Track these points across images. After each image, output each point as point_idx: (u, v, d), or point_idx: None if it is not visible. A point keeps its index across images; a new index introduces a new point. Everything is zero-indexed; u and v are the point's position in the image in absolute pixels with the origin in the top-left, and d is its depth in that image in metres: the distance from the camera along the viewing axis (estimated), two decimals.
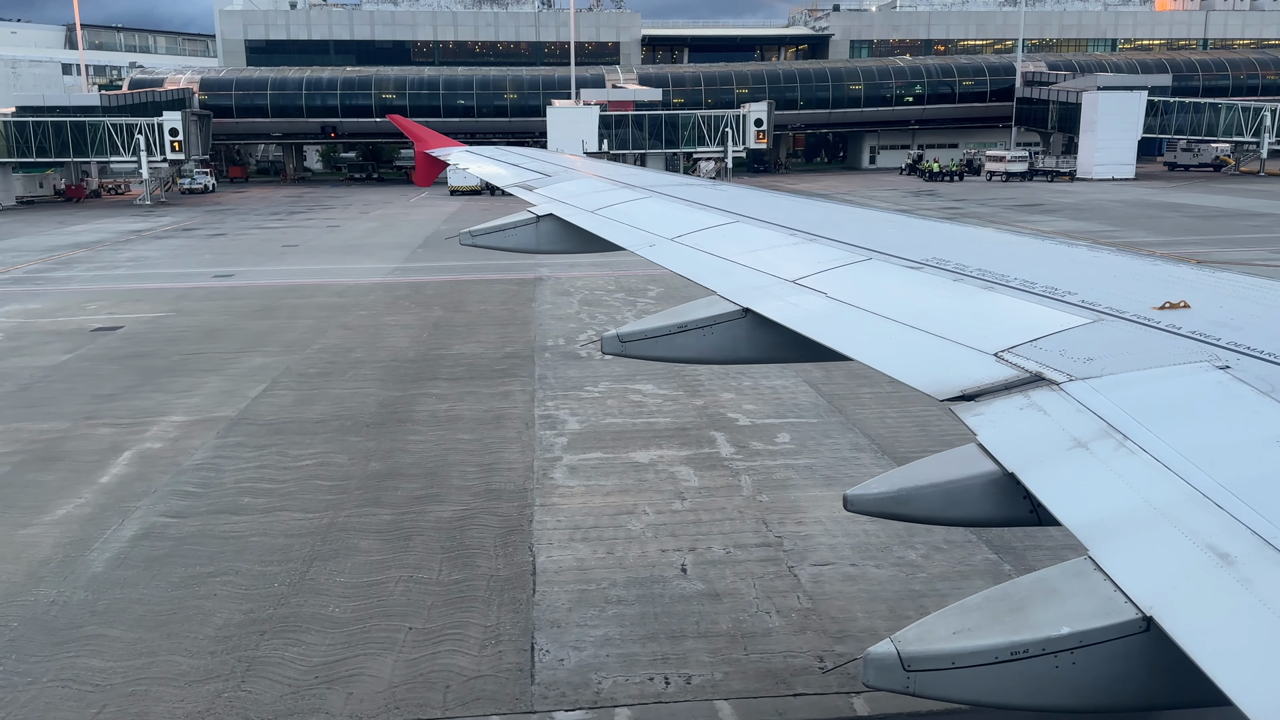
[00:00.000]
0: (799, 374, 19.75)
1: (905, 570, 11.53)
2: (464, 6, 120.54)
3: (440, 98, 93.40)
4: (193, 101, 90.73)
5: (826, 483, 14.35)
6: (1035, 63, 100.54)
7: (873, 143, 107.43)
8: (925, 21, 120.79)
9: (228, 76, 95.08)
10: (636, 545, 12.26)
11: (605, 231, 8.45)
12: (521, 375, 20.68)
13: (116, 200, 75.47)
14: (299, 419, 17.67)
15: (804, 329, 5.10)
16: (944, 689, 2.71)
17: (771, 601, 10.80)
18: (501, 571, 11.57)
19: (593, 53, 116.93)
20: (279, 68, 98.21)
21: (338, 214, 61.86)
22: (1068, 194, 67.15)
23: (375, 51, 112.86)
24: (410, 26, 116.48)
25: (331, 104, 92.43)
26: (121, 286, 33.60)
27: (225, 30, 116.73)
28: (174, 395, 19.35)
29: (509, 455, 15.60)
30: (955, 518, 3.56)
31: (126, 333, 25.62)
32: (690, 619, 10.44)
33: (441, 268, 36.68)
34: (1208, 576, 2.53)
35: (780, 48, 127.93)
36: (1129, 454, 3.18)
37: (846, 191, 74.38)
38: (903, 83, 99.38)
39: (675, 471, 14.85)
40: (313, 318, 27.38)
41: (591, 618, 10.48)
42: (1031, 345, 4.21)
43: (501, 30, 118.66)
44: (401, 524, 12.95)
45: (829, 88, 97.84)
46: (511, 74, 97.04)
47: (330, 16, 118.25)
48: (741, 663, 9.61)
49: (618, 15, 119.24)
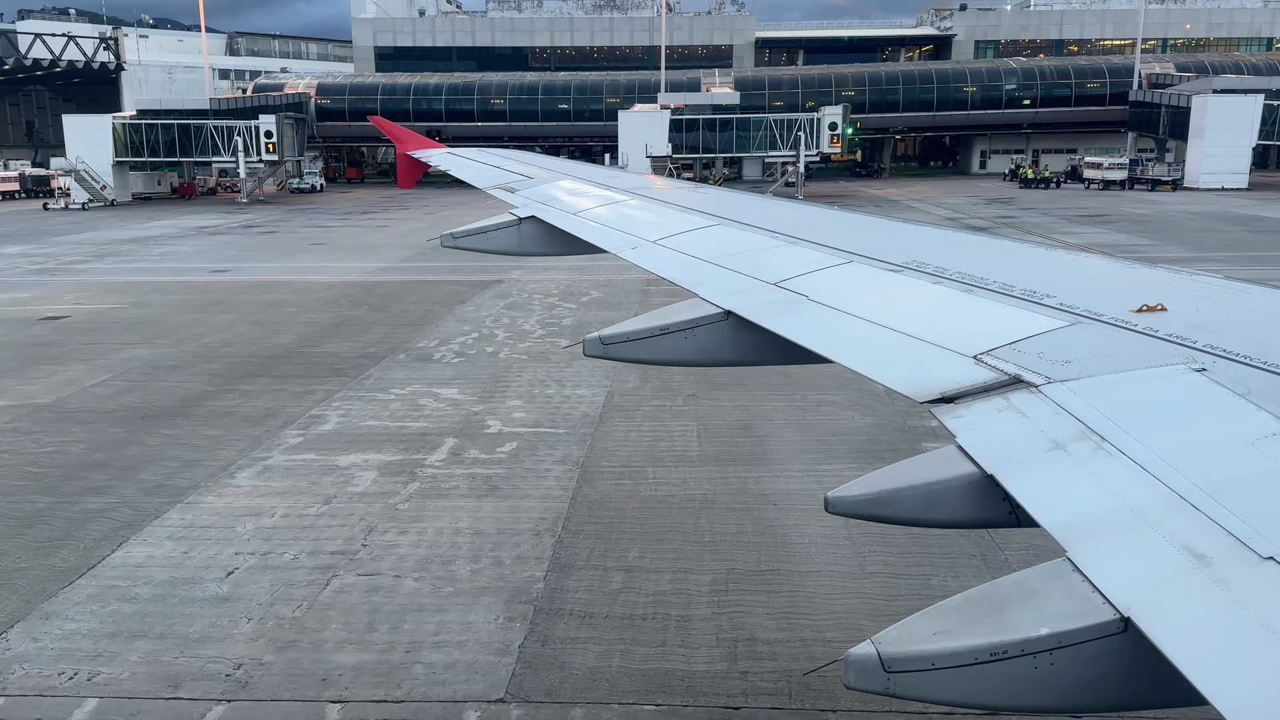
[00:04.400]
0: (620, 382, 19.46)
1: (435, 583, 11.29)
2: (584, 12, 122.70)
3: (539, 102, 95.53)
4: (309, 106, 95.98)
5: (486, 494, 14.11)
6: (1163, 64, 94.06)
7: (983, 147, 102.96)
8: (1057, 21, 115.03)
9: (342, 82, 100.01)
10: (221, 546, 12.43)
11: (586, 234, 8.47)
12: (348, 375, 21.12)
13: (224, 198, 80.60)
14: (91, 409, 18.64)
15: (785, 331, 5.14)
16: (924, 690, 2.72)
17: (271, 609, 10.79)
18: (66, 563, 11.97)
19: (706, 56, 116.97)
20: (391, 73, 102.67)
21: (402, 215, 64.10)
22: (1154, 204, 62.65)
23: (495, 57, 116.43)
24: (529, 33, 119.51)
25: (437, 108, 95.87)
26: (118, 279, 36.04)
27: (358, 37, 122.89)
28: (22, 381, 20.74)
29: (226, 454, 16.02)
30: (935, 519, 3.58)
31: (64, 323, 27.53)
32: (188, 620, 10.54)
33: (426, 268, 37.63)
34: (1184, 577, 2.55)
35: (900, 49, 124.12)
36: (1106, 456, 3.21)
37: (926, 196, 71.67)
38: (1014, 84, 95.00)
39: (356, 476, 14.92)
40: (239, 313, 28.68)
41: (85, 612, 10.74)
42: (1010, 348, 4.23)
43: (617, 35, 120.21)
44: (43, 515, 13.58)
45: (933, 90, 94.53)
46: (609, 79, 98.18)
47: (454, 24, 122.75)
48: (169, 665, 9.67)
49: (731, 18, 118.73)
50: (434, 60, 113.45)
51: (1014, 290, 5.03)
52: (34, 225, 57.65)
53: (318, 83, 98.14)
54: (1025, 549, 12.06)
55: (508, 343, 24.21)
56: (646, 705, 8.97)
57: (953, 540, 12.26)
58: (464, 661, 9.70)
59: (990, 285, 5.19)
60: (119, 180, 75.27)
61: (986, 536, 12.33)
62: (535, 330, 25.75)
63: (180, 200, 77.66)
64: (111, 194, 73.52)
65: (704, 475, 14.77)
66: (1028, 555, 11.84)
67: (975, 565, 11.71)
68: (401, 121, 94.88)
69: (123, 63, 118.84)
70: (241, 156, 74.04)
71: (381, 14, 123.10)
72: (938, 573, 11.52)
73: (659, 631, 10.25)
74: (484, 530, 12.84)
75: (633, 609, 10.73)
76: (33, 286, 34.28)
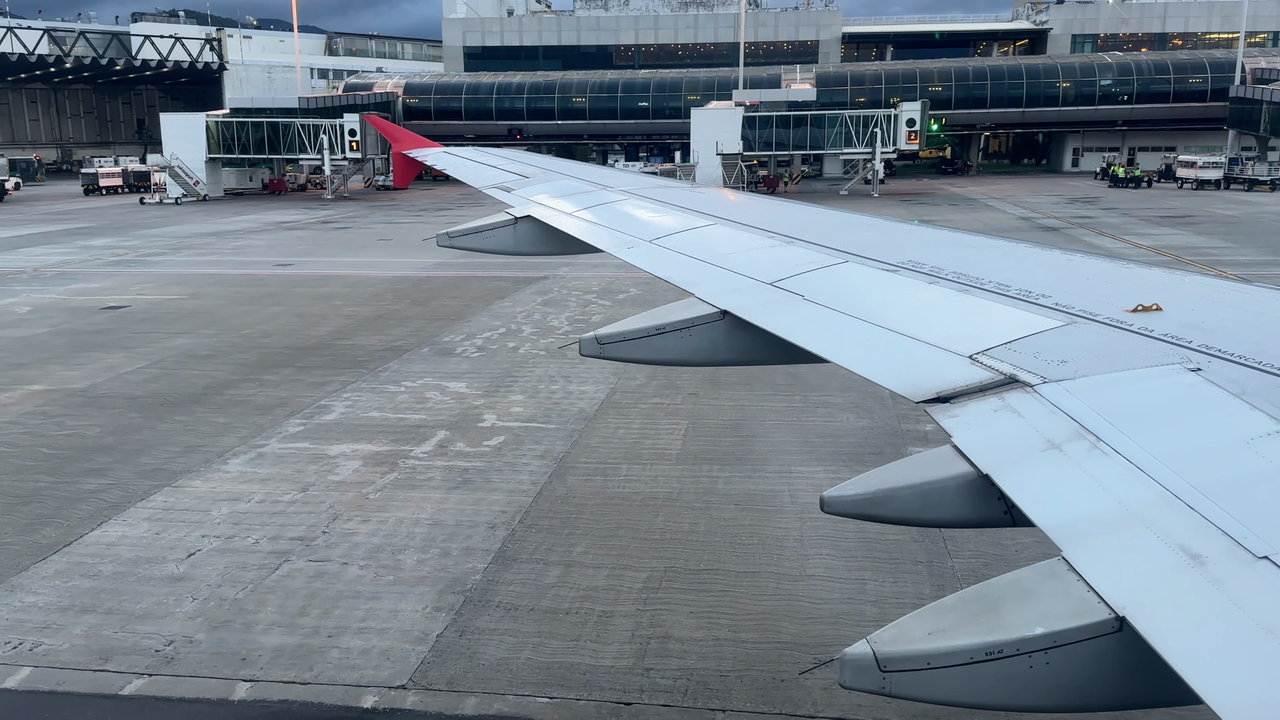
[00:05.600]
0: (627, 379, 19.60)
1: (379, 572, 11.60)
2: (670, 9, 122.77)
3: (618, 100, 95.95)
4: (396, 105, 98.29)
5: (457, 486, 14.40)
6: (1270, 57, 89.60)
7: (1076, 144, 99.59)
8: (1160, 14, 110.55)
9: (428, 81, 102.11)
10: (191, 528, 12.97)
11: (582, 233, 8.51)
12: (368, 367, 21.70)
13: (311, 194, 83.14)
14: (118, 394, 19.58)
15: (780, 331, 5.17)
16: (920, 690, 2.76)
17: (217, 590, 11.24)
18: (47, 540, 12.65)
19: (792, 52, 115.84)
20: (475, 73, 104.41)
21: (476, 212, 64.88)
22: (1246, 205, 59.77)
23: (579, 56, 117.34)
24: (613, 31, 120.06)
25: (519, 107, 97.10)
26: (186, 271, 37.60)
27: (448, 37, 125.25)
28: (65, 367, 21.88)
29: (227, 441, 16.67)
30: (931, 519, 3.62)
31: (123, 313, 28.89)
32: (138, 597, 11.06)
33: (477, 264, 38.08)
34: (1179, 577, 2.57)
35: (993, 44, 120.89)
36: (1102, 455, 3.24)
37: (1006, 195, 69.77)
38: (1109, 80, 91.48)
39: (340, 465, 15.37)
40: (287, 305, 29.67)
41: (48, 586, 11.36)
42: (1006, 348, 4.26)
43: (701, 32, 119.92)
44: (3, 487, 14.46)
45: (1022, 85, 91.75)
46: (688, 76, 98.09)
47: (540, 23, 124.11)
48: (107, 639, 10.18)
49: (818, 13, 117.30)
50: (520, 60, 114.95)
51: (1010, 290, 5.04)
52: (127, 219, 60.44)
53: (405, 82, 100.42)
54: (976, 557, 11.82)
55: (530, 338, 24.53)
56: (540, 698, 9.10)
57: (904, 546, 12.07)
58: (379, 648, 9.97)
59: (986, 285, 5.21)
60: (211, 176, 78.27)
61: (936, 544, 12.09)
62: (562, 327, 26.03)
63: (269, 196, 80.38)
64: (204, 189, 76.51)
65: (676, 474, 14.80)
66: (975, 564, 11.61)
67: (919, 572, 11.51)
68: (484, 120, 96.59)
69: (225, 63, 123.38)
70: (326, 154, 76.24)
71: (471, 14, 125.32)
72: (877, 578, 11.36)
73: (578, 626, 10.36)
74: (443, 522, 13.12)
75: (559, 603, 10.86)
76: (106, 277, 36.02)
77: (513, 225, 9.52)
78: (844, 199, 73.45)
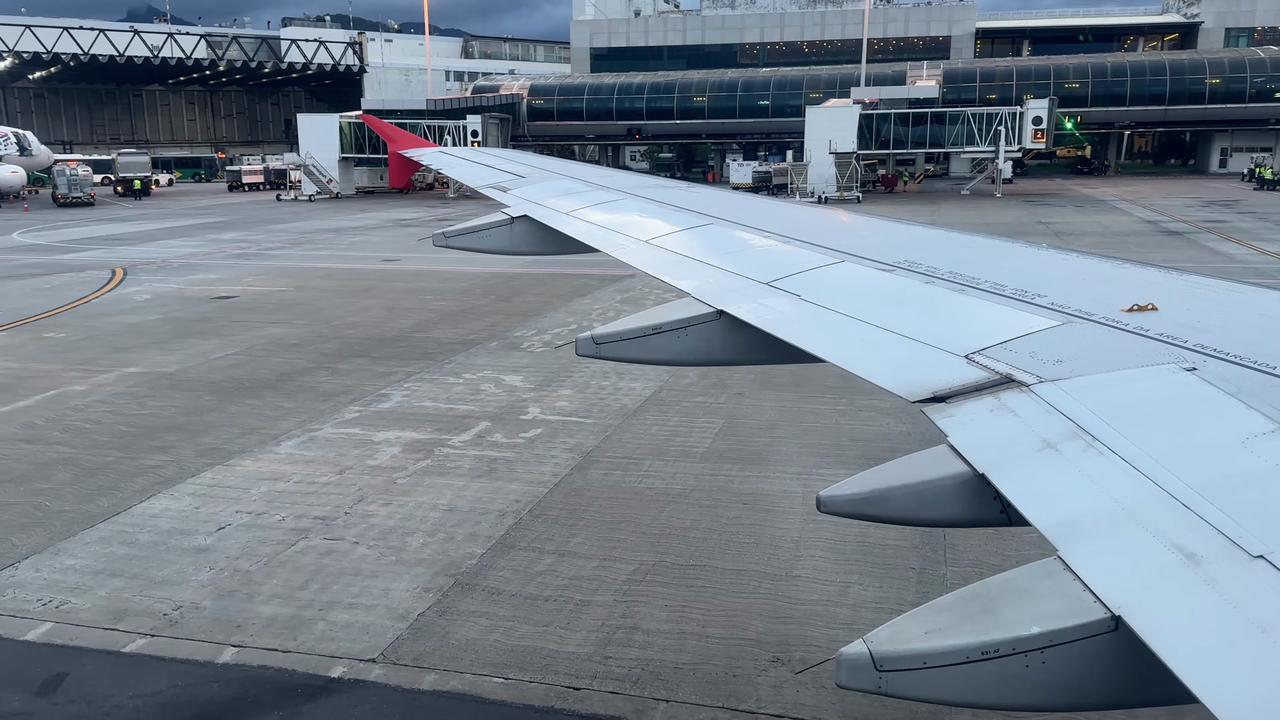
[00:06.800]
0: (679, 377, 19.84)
1: (384, 552, 12.18)
2: (799, 7, 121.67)
3: (737, 99, 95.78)
4: (521, 106, 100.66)
5: (481, 475, 14.92)
6: None
7: (1224, 144, 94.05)
8: None
9: (552, 83, 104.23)
10: (228, 504, 13.87)
11: (578, 233, 8.67)
12: (435, 359, 22.55)
13: (438, 193, 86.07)
14: (202, 378, 20.95)
15: (776, 331, 5.20)
16: (916, 689, 2.78)
17: (234, 562, 12.03)
18: (99, 509, 13.75)
19: (923, 48, 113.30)
20: (598, 74, 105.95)
21: None
22: None
23: (703, 55, 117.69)
24: (739, 30, 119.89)
25: (638, 107, 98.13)
26: (298, 265, 39.63)
27: (575, 39, 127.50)
28: (163, 352, 23.51)
29: (286, 424, 17.65)
30: (927, 518, 3.66)
31: (230, 303, 30.76)
32: (163, 565, 11.96)
33: (568, 261, 38.96)
34: (1175, 576, 2.59)
35: (1139, 38, 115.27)
36: (1098, 455, 3.26)
37: (1140, 197, 66.57)
38: (1262, 76, 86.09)
39: (380, 451, 16.11)
40: (380, 299, 31.00)
41: (89, 552, 12.38)
42: (1002, 347, 4.30)
43: (828, 29, 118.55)
44: (76, 460, 15.69)
45: (1165, 81, 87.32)
46: (810, 74, 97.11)
47: (666, 23, 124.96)
48: (125, 601, 11.07)
49: (950, 8, 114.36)
50: (645, 60, 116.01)
51: (1005, 290, 5.07)
52: (260, 214, 63.93)
53: (530, 84, 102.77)
54: (973, 565, 11.60)
55: None
56: (495, 678, 9.45)
57: (900, 551, 11.95)
58: (362, 623, 10.52)
59: (982, 285, 5.23)
60: (344, 174, 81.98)
61: (935, 550, 11.91)
62: None
63: (397, 194, 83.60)
64: (336, 187, 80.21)
65: (695, 471, 14.95)
66: (970, 572, 11.39)
67: (907, 578, 11.38)
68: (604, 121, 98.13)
69: (365, 65, 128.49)
70: None
71: (599, 16, 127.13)
72: (862, 582, 11.29)
73: (552, 613, 10.68)
74: (458, 508, 13.65)
75: (542, 590, 11.20)
76: (225, 269, 38.31)
77: (509, 225, 9.63)
78: (964, 199, 71.48)
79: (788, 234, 7.11)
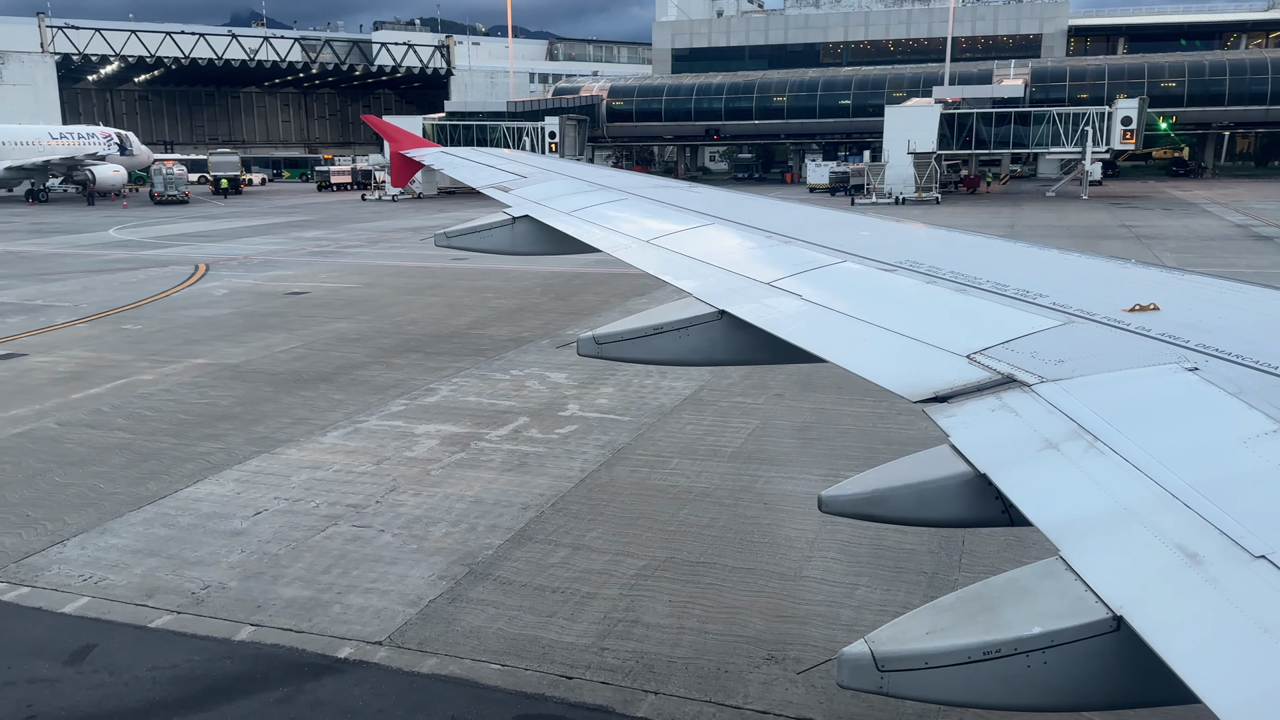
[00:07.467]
0: (721, 377, 19.94)
1: (407, 540, 12.57)
2: (884, 5, 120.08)
3: (817, 99, 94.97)
4: (600, 108, 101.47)
5: (511, 469, 15.24)
6: None
7: None
8: None
9: (631, 84, 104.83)
10: (267, 490, 14.43)
11: (580, 233, 8.78)
12: (487, 356, 23.03)
13: None
14: (263, 370, 21.76)
15: (778, 331, 5.22)
16: (918, 689, 2.78)
17: (265, 545, 12.55)
18: (148, 492, 14.44)
19: (1013, 46, 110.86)
20: (677, 75, 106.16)
21: None
22: None
23: (786, 55, 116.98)
24: (822, 29, 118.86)
25: (716, 107, 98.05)
26: (371, 263, 40.72)
27: (657, 40, 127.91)
28: (231, 344, 24.47)
29: (334, 415, 18.26)
30: (929, 519, 3.68)
31: (301, 298, 31.81)
32: (198, 546, 12.56)
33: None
34: (1177, 576, 2.59)
35: (1243, 35, 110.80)
36: (1099, 455, 3.27)
37: (1233, 200, 64.08)
38: None
39: (419, 443, 16.56)
40: (444, 296, 31.72)
41: (132, 533, 13.05)
42: (1003, 347, 4.31)
43: (914, 27, 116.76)
44: (134, 445, 16.42)
45: (1266, 80, 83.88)
46: (893, 72, 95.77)
47: (748, 23, 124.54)
48: (158, 579, 11.66)
49: (1041, 5, 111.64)
50: (726, 60, 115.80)
51: (1007, 290, 5.07)
52: (343, 214, 65.76)
53: (610, 85, 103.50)
54: (989, 571, 11.42)
55: None
56: (493, 664, 9.72)
57: (915, 555, 11.88)
58: (375, 607, 10.90)
59: (984, 285, 5.23)
60: (426, 174, 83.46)
61: (951, 555, 11.80)
62: None
63: (477, 194, 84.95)
64: (418, 187, 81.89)
65: (721, 470, 15.03)
66: (981, 577, 11.22)
67: (918, 582, 11.31)
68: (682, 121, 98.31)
69: (452, 68, 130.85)
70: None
71: (682, 16, 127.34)
72: (871, 584, 11.26)
73: (558, 604, 10.91)
74: (484, 500, 13.98)
75: (551, 582, 11.44)
76: (302, 265, 39.58)
77: (510, 225, 9.70)
78: (1048, 200, 69.77)
79: (789, 233, 7.14)
